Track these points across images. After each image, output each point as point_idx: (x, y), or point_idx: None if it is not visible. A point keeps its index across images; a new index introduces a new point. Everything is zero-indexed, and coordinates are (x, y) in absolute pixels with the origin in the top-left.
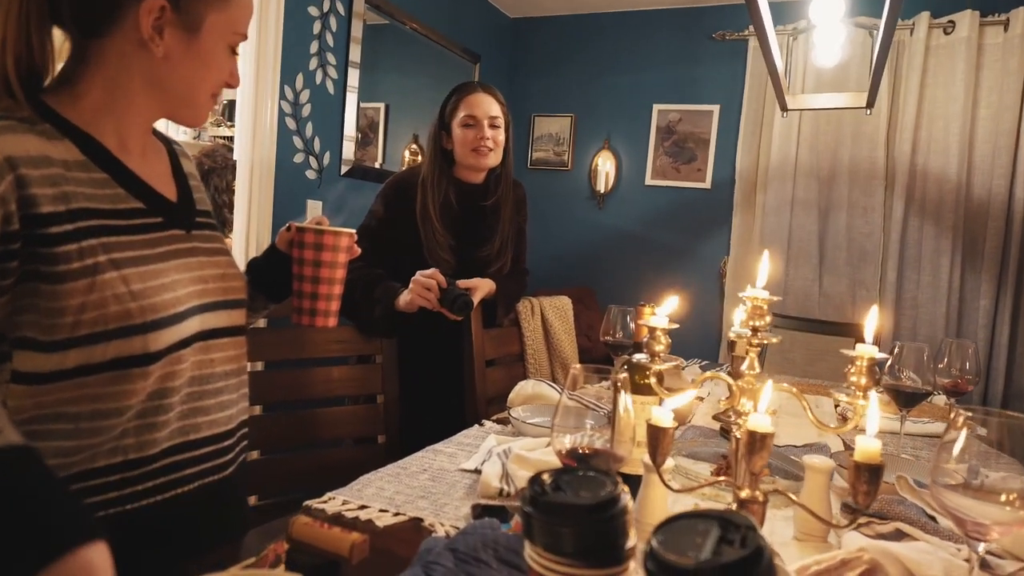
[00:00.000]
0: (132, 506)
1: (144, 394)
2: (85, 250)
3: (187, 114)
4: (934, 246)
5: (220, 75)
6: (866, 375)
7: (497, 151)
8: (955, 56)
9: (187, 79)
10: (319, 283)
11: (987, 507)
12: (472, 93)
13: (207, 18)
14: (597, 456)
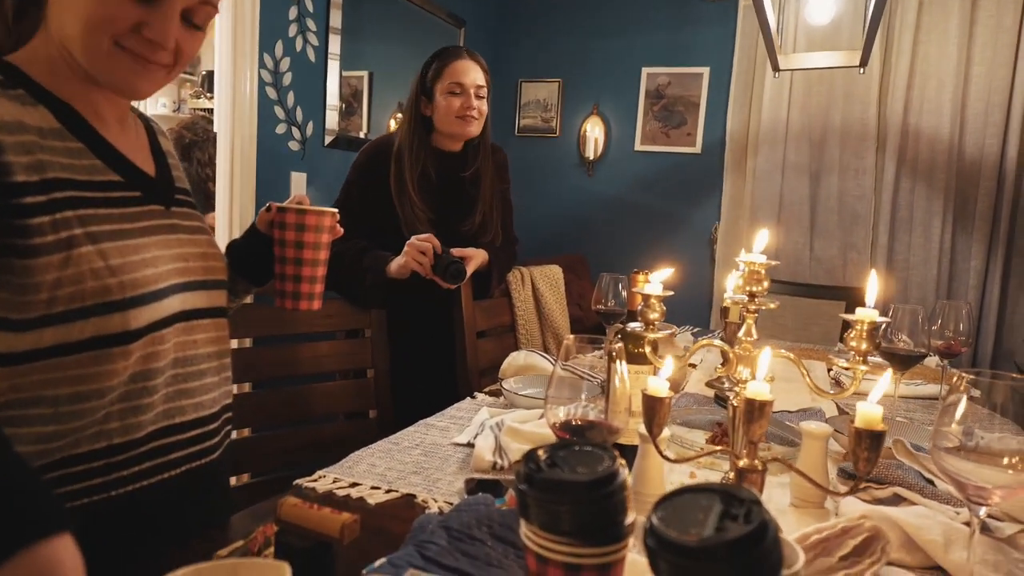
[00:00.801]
0: (117, 492)
1: (126, 375)
2: (59, 222)
3: (96, 69)
4: (926, 207)
5: (114, 13)
6: (867, 340)
7: (480, 120)
8: (949, 12)
9: (73, 19)
10: (302, 265)
11: (988, 471)
12: (459, 59)
13: None
14: (592, 428)
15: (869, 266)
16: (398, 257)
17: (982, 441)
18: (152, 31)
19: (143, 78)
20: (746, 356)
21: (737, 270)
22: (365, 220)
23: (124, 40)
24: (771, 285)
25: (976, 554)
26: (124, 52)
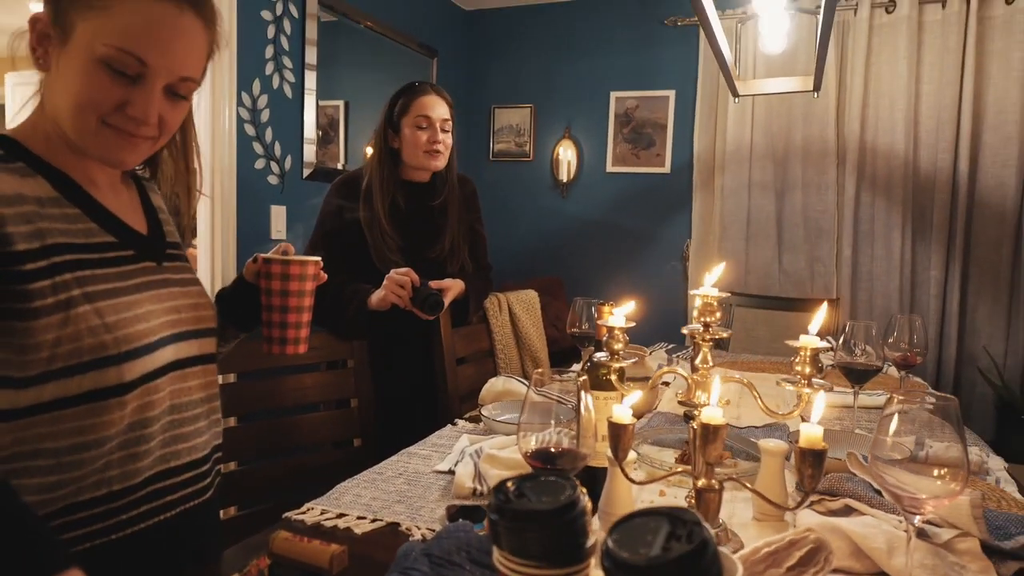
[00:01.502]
0: (116, 536)
1: (123, 424)
2: (59, 285)
3: (84, 144)
4: (885, 220)
5: (99, 96)
6: (810, 364)
7: (446, 153)
8: (897, 35)
9: (61, 97)
10: (287, 312)
11: (922, 481)
12: (425, 94)
13: (77, 26)
14: (561, 456)
15: (835, 278)
16: (378, 291)
17: (931, 451)
18: (135, 109)
19: (128, 152)
20: (703, 382)
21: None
22: (338, 251)
23: (109, 118)
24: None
25: (915, 559)
26: (110, 129)
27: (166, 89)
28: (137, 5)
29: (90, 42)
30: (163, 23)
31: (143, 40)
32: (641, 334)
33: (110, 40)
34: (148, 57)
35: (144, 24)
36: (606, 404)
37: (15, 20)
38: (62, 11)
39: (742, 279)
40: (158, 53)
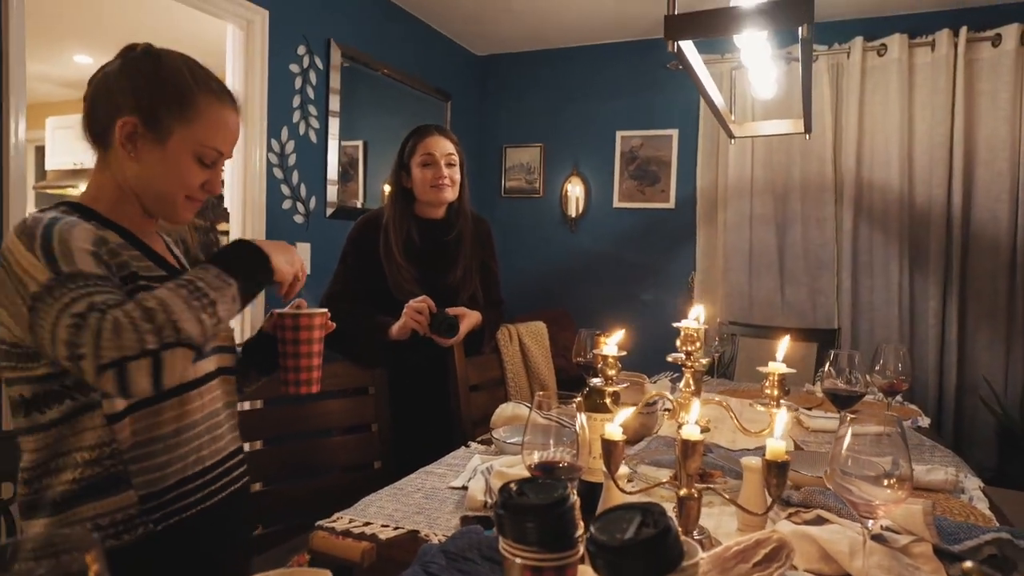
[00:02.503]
0: (210, 503)
1: (204, 412)
2: None
3: (164, 212)
4: (883, 252)
5: (191, 181)
6: (777, 388)
7: (454, 187)
8: (889, 76)
9: (158, 183)
10: (300, 358)
11: (874, 489)
12: (429, 135)
13: (175, 132)
14: (561, 468)
15: (836, 309)
16: (398, 320)
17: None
18: (211, 186)
19: (191, 213)
20: (686, 404)
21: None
22: (359, 284)
23: (193, 194)
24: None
25: (874, 561)
26: (189, 201)
27: None
28: (217, 114)
29: (186, 141)
30: (230, 124)
31: (220, 138)
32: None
33: (204, 140)
34: (224, 148)
35: (222, 126)
36: (601, 425)
37: (58, 70)
38: (158, 117)
39: (747, 310)
40: (229, 145)
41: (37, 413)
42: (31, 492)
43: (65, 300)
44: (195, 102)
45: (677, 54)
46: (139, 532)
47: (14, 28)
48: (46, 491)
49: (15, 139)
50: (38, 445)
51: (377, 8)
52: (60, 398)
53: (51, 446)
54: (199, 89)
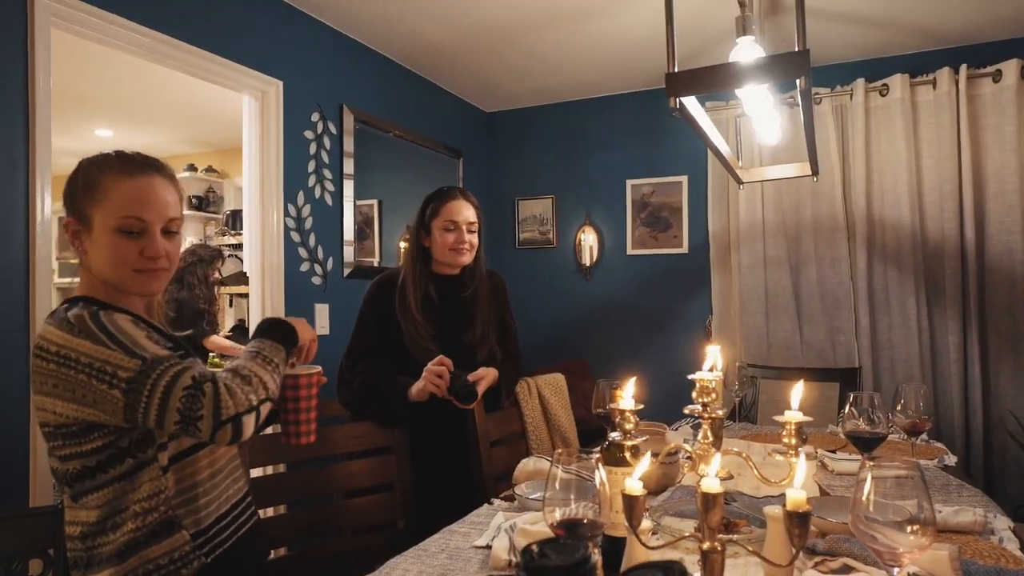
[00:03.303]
0: (239, 534)
1: (224, 459)
2: None
3: (130, 288)
4: (899, 289)
5: (125, 254)
6: (795, 436)
7: (473, 251)
8: (892, 115)
9: (104, 267)
10: (300, 412)
11: (897, 535)
12: (453, 200)
13: (94, 217)
14: (584, 525)
15: (856, 347)
16: (417, 382)
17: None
18: (149, 250)
19: (155, 283)
20: (705, 455)
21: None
22: (377, 342)
23: (137, 265)
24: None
25: None
26: (139, 273)
27: (162, 231)
28: (124, 186)
29: (105, 221)
30: (143, 189)
31: (136, 205)
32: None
33: (117, 213)
34: (143, 214)
35: (133, 195)
36: (622, 479)
37: (81, 144)
38: (80, 210)
39: (765, 352)
40: (147, 209)
41: (101, 474)
42: (88, 548)
43: (167, 378)
44: (100, 183)
45: (680, 109)
46: (194, 566)
47: (40, 107)
48: (106, 545)
49: (41, 215)
50: (100, 502)
51: (387, 71)
52: (121, 458)
53: (112, 502)
54: (102, 172)
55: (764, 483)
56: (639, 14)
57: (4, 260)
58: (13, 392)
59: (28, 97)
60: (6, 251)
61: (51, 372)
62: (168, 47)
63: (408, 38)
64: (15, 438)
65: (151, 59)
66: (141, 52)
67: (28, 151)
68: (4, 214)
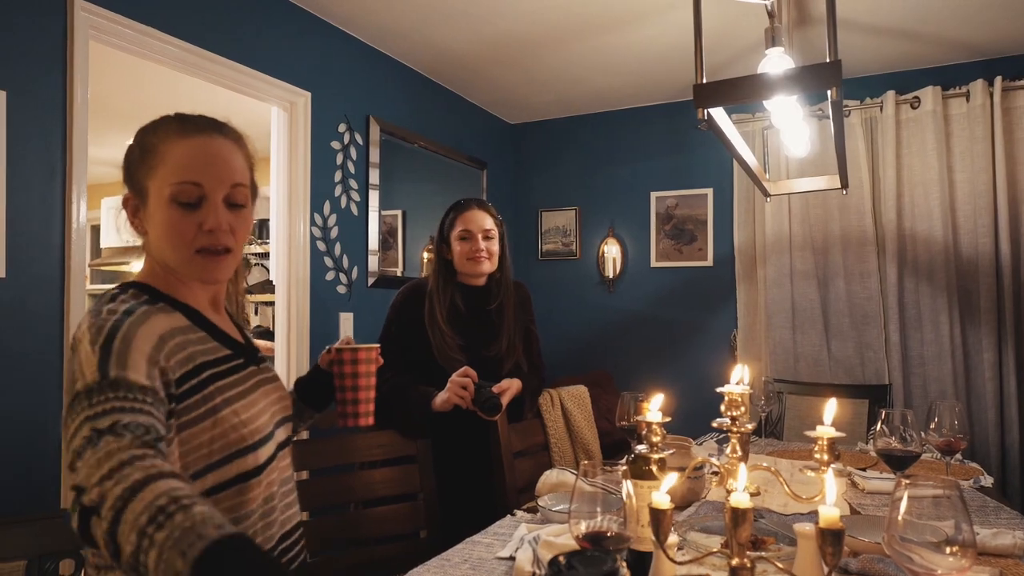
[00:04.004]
0: None
1: (260, 499)
2: (206, 396)
3: (192, 274)
4: (931, 305)
5: (183, 229)
6: (827, 452)
7: (492, 259)
8: (924, 128)
9: (161, 246)
10: (359, 391)
11: (935, 556)
12: (468, 210)
13: (149, 186)
14: (609, 538)
15: (886, 364)
16: (442, 393)
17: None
18: (208, 223)
19: (220, 270)
20: (733, 470)
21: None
22: (404, 351)
23: (198, 243)
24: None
25: None
26: (201, 255)
27: (225, 201)
28: (178, 147)
29: (160, 190)
30: (201, 150)
31: (189, 169)
32: (692, 423)
33: (170, 180)
34: (199, 177)
35: (188, 156)
36: (648, 492)
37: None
38: (136, 182)
39: (792, 367)
40: (204, 172)
41: None
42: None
43: (97, 409)
44: (156, 148)
45: (708, 121)
46: None
47: (78, 117)
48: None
49: (77, 222)
50: None
51: (413, 83)
52: None
53: None
54: (157, 135)
55: (794, 499)
56: (664, 26)
57: (42, 265)
58: (46, 395)
59: (67, 107)
60: (44, 257)
61: (70, 368)
62: (200, 58)
63: (434, 50)
64: (47, 440)
65: (183, 70)
66: (174, 64)
67: (65, 160)
68: (43, 220)
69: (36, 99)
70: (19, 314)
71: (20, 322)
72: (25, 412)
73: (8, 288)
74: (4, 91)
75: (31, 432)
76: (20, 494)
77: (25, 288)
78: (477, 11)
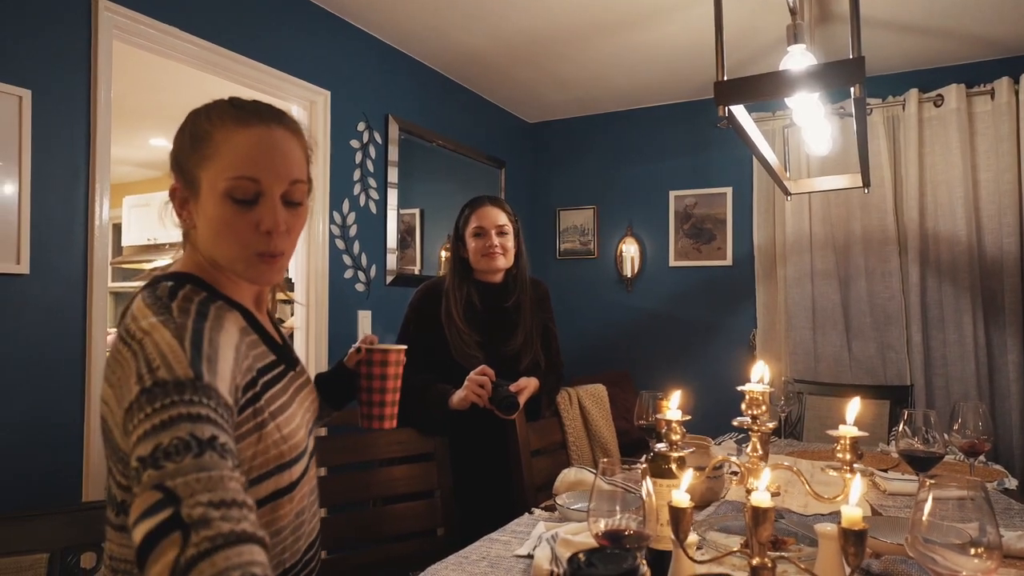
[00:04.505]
0: None
1: (292, 515)
2: (258, 410)
3: (247, 276)
4: (954, 305)
5: (239, 230)
6: (850, 452)
7: (507, 255)
8: (948, 126)
9: (212, 244)
10: (385, 393)
11: (959, 558)
12: (481, 207)
13: (201, 178)
14: (628, 536)
15: (908, 364)
16: (459, 391)
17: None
18: (265, 223)
19: (275, 272)
20: (754, 469)
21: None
22: (422, 350)
23: (258, 247)
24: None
25: None
26: (259, 259)
27: (282, 199)
28: (236, 138)
29: (213, 183)
30: (260, 143)
31: (249, 163)
32: (710, 423)
33: (226, 173)
34: (258, 173)
35: (247, 149)
36: (668, 491)
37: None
38: (187, 171)
39: (812, 367)
40: (264, 167)
41: (124, 516)
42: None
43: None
44: (210, 136)
45: (728, 118)
46: None
47: (101, 117)
48: None
49: (100, 221)
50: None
51: (431, 82)
52: None
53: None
54: (211, 122)
55: (816, 499)
56: (684, 24)
57: (66, 264)
58: (69, 389)
59: (90, 107)
60: (68, 255)
61: (123, 358)
62: (221, 57)
63: (453, 49)
64: (70, 434)
65: (204, 69)
66: (195, 63)
67: (89, 160)
68: (66, 220)
69: (60, 99)
70: (43, 310)
71: (44, 318)
72: (48, 406)
73: (33, 285)
74: (29, 90)
75: (54, 426)
76: (43, 488)
77: (49, 285)
78: (496, 9)
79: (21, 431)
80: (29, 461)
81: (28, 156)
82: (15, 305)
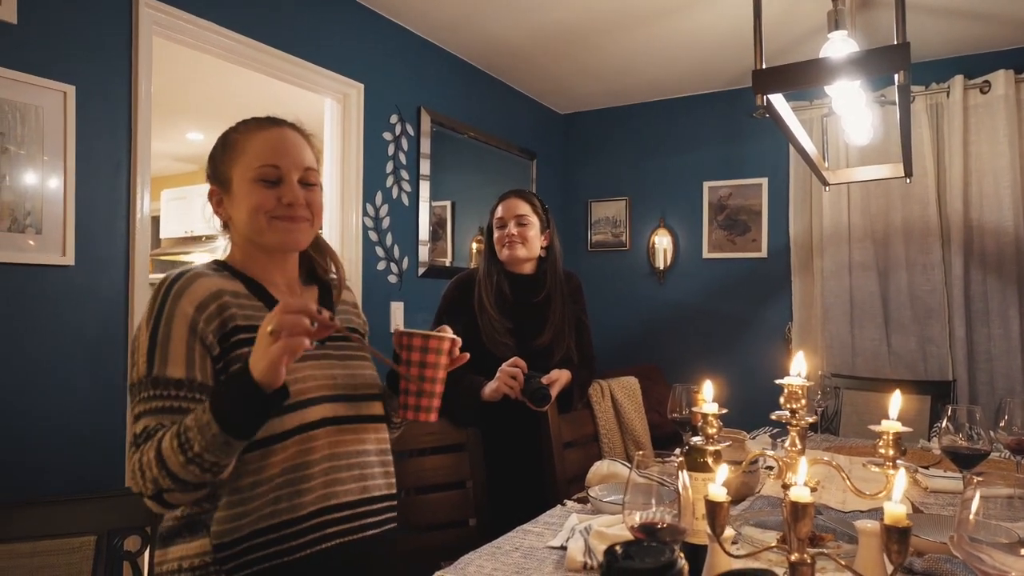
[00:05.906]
0: (289, 558)
1: (285, 465)
2: (236, 358)
3: (272, 242)
4: (1000, 299)
5: (264, 202)
6: (893, 447)
7: (527, 245)
8: (995, 113)
9: (245, 222)
10: (423, 382)
11: (1008, 558)
12: (506, 199)
13: (233, 175)
14: (663, 529)
15: (950, 359)
16: (491, 382)
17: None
18: (286, 196)
19: (297, 233)
20: (793, 464)
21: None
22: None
23: (274, 212)
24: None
25: None
26: (277, 220)
27: (300, 182)
28: (257, 138)
29: (243, 175)
30: (279, 139)
31: (268, 154)
32: (744, 417)
33: (253, 164)
34: (278, 160)
35: (267, 144)
36: (703, 484)
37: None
38: (220, 173)
39: (849, 361)
40: (282, 156)
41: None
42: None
43: (138, 409)
44: (236, 142)
45: (767, 107)
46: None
47: (142, 112)
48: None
49: (141, 213)
50: None
51: (464, 74)
52: None
53: None
54: (236, 131)
55: (856, 495)
56: (718, 13)
57: (109, 253)
58: (113, 377)
59: (131, 102)
60: (111, 247)
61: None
62: (256, 51)
63: (485, 41)
64: (114, 419)
65: (241, 63)
66: (232, 57)
67: (130, 153)
68: (109, 212)
69: (103, 94)
70: (87, 299)
71: (88, 307)
72: (92, 392)
73: (77, 275)
74: (73, 86)
75: (99, 411)
76: (89, 472)
77: (93, 275)
78: (528, 1)
79: (67, 417)
80: (74, 445)
81: (73, 150)
82: (60, 295)
